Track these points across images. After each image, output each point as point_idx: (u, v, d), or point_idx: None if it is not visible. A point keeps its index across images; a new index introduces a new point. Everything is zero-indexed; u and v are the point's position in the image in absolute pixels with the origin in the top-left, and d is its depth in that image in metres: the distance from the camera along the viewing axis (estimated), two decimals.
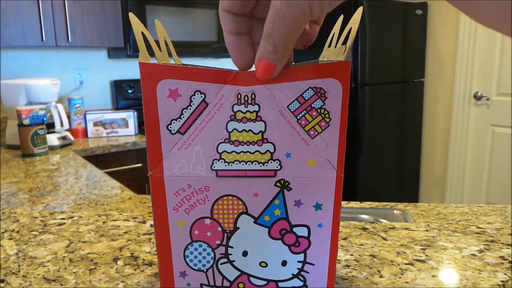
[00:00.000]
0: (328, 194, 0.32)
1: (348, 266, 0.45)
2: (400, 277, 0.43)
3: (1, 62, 2.12)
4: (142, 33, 0.32)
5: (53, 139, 1.85)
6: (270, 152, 0.32)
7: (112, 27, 2.11)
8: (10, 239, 0.55)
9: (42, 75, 2.23)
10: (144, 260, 0.48)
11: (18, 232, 0.57)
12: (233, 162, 0.32)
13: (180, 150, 0.32)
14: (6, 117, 2.07)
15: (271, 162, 0.32)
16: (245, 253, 0.35)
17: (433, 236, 0.53)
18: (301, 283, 0.35)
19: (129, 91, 2.43)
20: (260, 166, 0.32)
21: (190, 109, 0.31)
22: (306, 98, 0.30)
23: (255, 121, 0.31)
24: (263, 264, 0.35)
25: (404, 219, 0.85)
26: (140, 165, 2.05)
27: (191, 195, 0.33)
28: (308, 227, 0.34)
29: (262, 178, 0.32)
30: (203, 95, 0.31)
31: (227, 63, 2.74)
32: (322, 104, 0.30)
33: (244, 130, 0.31)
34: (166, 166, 0.32)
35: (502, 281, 0.42)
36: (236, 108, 0.31)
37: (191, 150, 0.32)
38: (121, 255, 0.49)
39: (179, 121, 0.31)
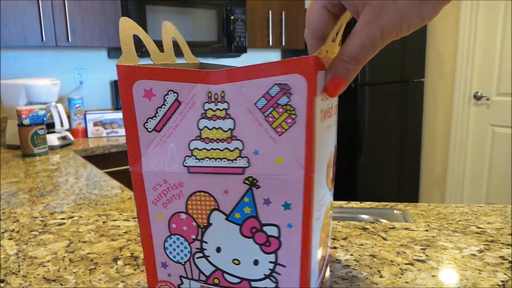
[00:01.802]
0: (297, 193, 0.31)
1: (348, 266, 0.45)
2: (400, 277, 0.43)
3: (1, 62, 2.12)
4: (134, 36, 0.33)
5: (53, 139, 1.85)
6: (238, 149, 0.32)
7: (112, 27, 2.11)
8: (10, 239, 0.55)
9: (42, 75, 2.23)
10: (144, 260, 0.48)
11: (18, 232, 0.57)
12: (203, 159, 0.33)
13: (156, 147, 0.33)
14: (6, 117, 2.07)
15: (239, 159, 0.32)
16: (218, 249, 0.35)
17: (433, 236, 0.53)
18: (273, 285, 0.34)
19: None
20: (229, 163, 0.32)
21: (164, 108, 0.32)
22: (272, 95, 0.30)
23: (224, 118, 0.31)
24: (236, 262, 0.35)
25: (404, 219, 0.85)
26: None
27: (168, 190, 0.34)
28: (278, 226, 0.33)
29: (231, 175, 0.32)
30: (176, 94, 0.32)
31: (226, 63, 2.74)
32: (288, 100, 0.30)
33: (214, 127, 0.32)
34: (145, 162, 0.34)
35: (502, 281, 0.42)
36: (206, 106, 0.32)
37: (167, 147, 0.33)
38: (121, 255, 0.49)
39: (154, 119, 0.33)
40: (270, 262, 0.34)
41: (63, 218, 0.62)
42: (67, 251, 0.50)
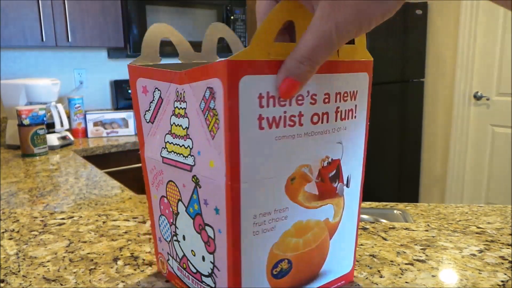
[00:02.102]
0: (222, 200, 0.30)
1: None
2: (400, 277, 0.43)
3: (1, 62, 2.12)
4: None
5: (53, 139, 1.85)
6: (189, 147, 0.33)
7: (112, 27, 2.11)
8: (10, 239, 0.55)
9: (42, 75, 2.23)
10: (144, 260, 0.48)
11: (18, 232, 0.57)
12: (170, 152, 0.36)
13: (150, 136, 0.38)
14: (6, 117, 2.07)
15: (189, 157, 0.33)
16: (184, 237, 0.37)
17: (433, 236, 0.53)
18: (213, 285, 0.34)
19: (129, 91, 2.43)
20: (183, 159, 0.34)
21: (153, 103, 0.36)
22: (207, 98, 0.30)
23: (184, 117, 0.33)
24: (193, 253, 0.36)
25: (404, 219, 0.85)
26: (140, 165, 2.05)
27: (157, 175, 0.38)
28: (213, 229, 0.32)
29: (185, 171, 0.34)
30: (159, 92, 0.35)
31: None
32: (214, 104, 0.29)
33: (178, 124, 0.34)
34: (146, 148, 0.39)
35: (502, 281, 0.42)
36: (175, 104, 0.34)
37: (155, 137, 0.37)
38: (121, 255, 0.49)
39: (149, 112, 0.37)
40: (211, 262, 0.34)
41: (63, 218, 0.62)
42: (67, 251, 0.50)
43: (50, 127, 1.90)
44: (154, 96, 0.36)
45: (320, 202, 0.35)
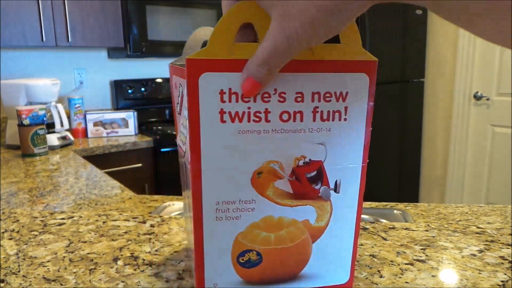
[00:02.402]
0: (190, 184, 0.34)
1: None
2: (400, 277, 0.43)
3: (1, 62, 2.12)
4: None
5: (53, 139, 1.85)
6: (185, 136, 0.35)
7: (112, 27, 2.11)
8: (10, 239, 0.55)
9: (42, 75, 2.23)
10: (144, 260, 0.48)
11: (18, 232, 0.57)
12: (180, 140, 0.39)
13: (179, 125, 0.41)
14: (6, 117, 2.07)
15: (184, 145, 0.36)
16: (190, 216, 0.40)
17: (433, 236, 0.53)
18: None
19: (129, 91, 2.42)
20: (183, 146, 0.37)
21: (179, 97, 0.39)
22: (184, 94, 0.33)
23: (185, 109, 0.35)
24: (191, 230, 0.38)
25: (404, 219, 0.85)
26: (140, 165, 2.05)
27: (181, 159, 0.41)
28: (192, 209, 0.35)
29: (183, 157, 0.37)
30: (181, 87, 0.37)
31: None
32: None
33: (185, 115, 0.36)
34: (178, 136, 0.42)
35: (502, 281, 0.42)
36: (186, 97, 0.36)
37: (180, 127, 0.39)
38: (121, 255, 0.49)
39: (178, 105, 0.40)
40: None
41: (63, 218, 0.62)
42: (67, 251, 0.50)
43: (50, 127, 1.90)
44: (179, 91, 0.39)
45: (296, 201, 0.35)
